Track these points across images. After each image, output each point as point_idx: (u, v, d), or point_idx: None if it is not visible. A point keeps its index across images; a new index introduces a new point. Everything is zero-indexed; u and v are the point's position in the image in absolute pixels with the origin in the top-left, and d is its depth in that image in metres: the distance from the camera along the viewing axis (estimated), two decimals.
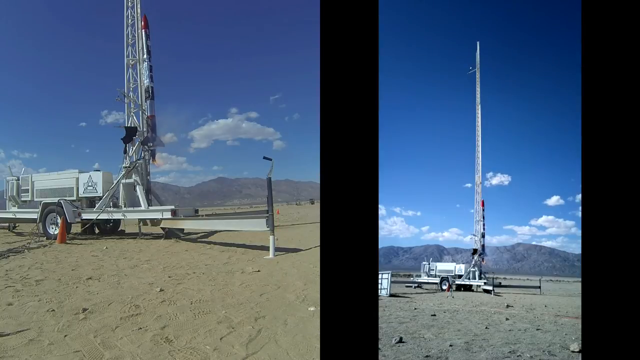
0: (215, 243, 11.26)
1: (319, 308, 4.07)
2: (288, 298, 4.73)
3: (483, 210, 15.55)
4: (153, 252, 9.32)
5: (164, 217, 11.73)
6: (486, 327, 5.95)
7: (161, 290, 5.16)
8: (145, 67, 13.15)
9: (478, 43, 17.00)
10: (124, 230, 14.61)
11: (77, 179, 13.57)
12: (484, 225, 15.51)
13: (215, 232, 13.59)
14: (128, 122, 13.47)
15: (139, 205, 12.51)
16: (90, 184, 13.30)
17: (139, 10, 13.76)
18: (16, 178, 15.00)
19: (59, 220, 12.31)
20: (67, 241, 11.41)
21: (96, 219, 12.70)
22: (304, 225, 18.73)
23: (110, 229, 14.30)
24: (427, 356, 3.95)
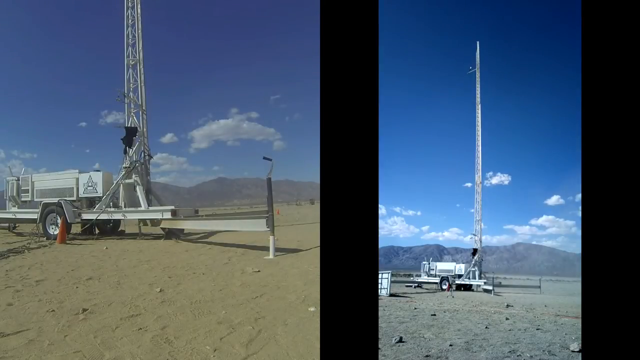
0: (215, 243, 11.25)
1: (319, 308, 4.07)
2: (288, 298, 4.73)
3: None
4: (153, 253, 9.32)
5: (164, 217, 11.77)
6: (486, 327, 5.95)
7: (161, 290, 5.16)
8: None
9: (478, 43, 17.03)
10: (124, 231, 14.60)
11: (77, 179, 13.59)
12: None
13: (215, 232, 13.59)
14: (128, 122, 13.48)
15: (139, 206, 12.52)
16: (90, 184, 13.31)
17: (139, 11, 13.79)
18: (16, 178, 15.00)
19: (59, 221, 12.30)
20: (67, 241, 11.41)
21: (96, 219, 12.70)
22: (304, 225, 18.73)
23: (110, 229, 14.29)
24: (427, 356, 3.95)
